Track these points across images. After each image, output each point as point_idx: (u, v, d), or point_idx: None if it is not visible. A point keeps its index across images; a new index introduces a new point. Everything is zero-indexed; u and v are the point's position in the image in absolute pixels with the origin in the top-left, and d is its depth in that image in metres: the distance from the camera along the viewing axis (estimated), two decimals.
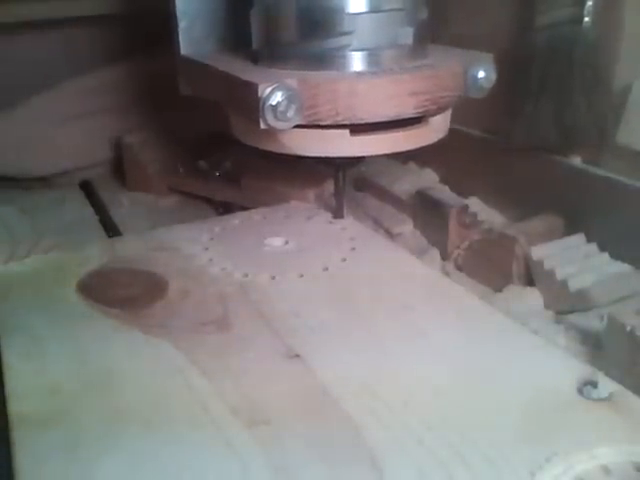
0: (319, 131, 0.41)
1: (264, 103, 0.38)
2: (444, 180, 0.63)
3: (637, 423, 0.29)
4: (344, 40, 0.41)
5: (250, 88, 0.39)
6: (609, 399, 0.30)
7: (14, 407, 0.31)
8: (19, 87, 0.66)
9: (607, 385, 0.31)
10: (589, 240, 0.49)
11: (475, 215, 0.54)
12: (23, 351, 0.35)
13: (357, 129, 0.41)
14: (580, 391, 0.31)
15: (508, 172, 0.56)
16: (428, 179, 0.63)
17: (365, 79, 0.40)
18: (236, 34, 0.52)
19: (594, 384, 0.31)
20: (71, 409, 0.31)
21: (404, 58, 0.43)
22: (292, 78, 0.39)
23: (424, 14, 0.44)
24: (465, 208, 0.54)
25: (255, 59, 0.46)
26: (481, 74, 0.43)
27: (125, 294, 0.41)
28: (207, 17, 0.51)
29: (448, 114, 0.46)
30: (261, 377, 0.33)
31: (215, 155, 0.65)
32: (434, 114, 0.43)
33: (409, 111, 0.41)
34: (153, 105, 0.69)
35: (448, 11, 0.55)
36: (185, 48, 0.51)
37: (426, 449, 0.28)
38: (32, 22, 0.67)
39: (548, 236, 0.50)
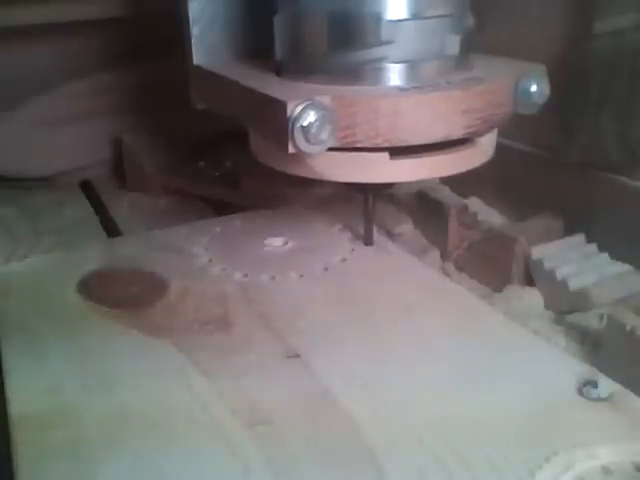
0: (354, 154, 0.36)
1: (294, 124, 0.33)
2: (444, 180, 0.63)
3: (637, 423, 0.29)
4: (383, 51, 0.36)
5: (277, 106, 0.33)
6: (609, 399, 0.30)
7: (14, 407, 0.31)
8: (20, 89, 0.66)
9: (607, 385, 0.31)
10: (589, 240, 0.49)
11: (475, 215, 0.54)
12: (23, 351, 0.35)
13: (395, 152, 0.36)
14: (580, 391, 0.31)
15: (508, 172, 0.56)
16: (428, 179, 0.63)
17: (410, 96, 0.35)
18: (253, 42, 0.47)
19: (594, 384, 0.31)
20: (71, 409, 0.31)
21: (450, 71, 0.38)
22: (325, 94, 0.34)
23: (470, 21, 0.39)
24: (465, 208, 0.54)
25: (278, 71, 0.40)
26: (534, 88, 0.38)
27: (125, 294, 0.41)
28: (222, 23, 0.46)
29: (495, 133, 0.41)
30: (261, 377, 0.33)
31: (215, 155, 0.65)
32: (483, 134, 0.39)
33: (458, 132, 0.36)
34: (153, 106, 0.69)
35: (485, 15, 0.50)
36: (198, 57, 0.46)
37: (426, 449, 0.28)
38: (34, 26, 0.67)
39: (548, 236, 0.50)
